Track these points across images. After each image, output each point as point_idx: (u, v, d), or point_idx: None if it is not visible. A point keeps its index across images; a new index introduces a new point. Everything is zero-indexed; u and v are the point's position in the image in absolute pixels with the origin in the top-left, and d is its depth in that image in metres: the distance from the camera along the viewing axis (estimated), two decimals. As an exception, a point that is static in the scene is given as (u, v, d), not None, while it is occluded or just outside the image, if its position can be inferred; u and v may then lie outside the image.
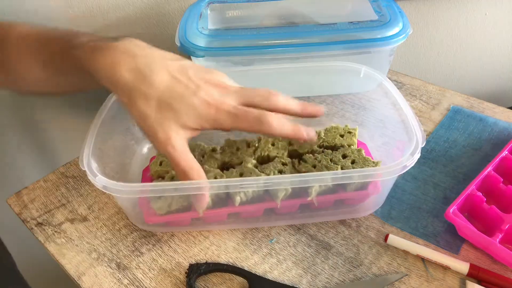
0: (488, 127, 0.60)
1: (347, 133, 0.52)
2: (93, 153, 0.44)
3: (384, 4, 0.67)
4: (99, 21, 0.83)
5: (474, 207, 0.48)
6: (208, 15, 0.69)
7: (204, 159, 0.50)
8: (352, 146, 0.50)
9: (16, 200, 0.55)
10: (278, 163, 0.48)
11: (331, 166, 0.47)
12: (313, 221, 0.50)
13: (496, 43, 1.02)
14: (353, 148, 0.49)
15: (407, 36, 0.61)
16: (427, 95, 0.68)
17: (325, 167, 0.47)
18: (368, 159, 0.47)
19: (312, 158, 0.48)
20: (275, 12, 0.73)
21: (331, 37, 0.60)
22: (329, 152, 0.49)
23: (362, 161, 0.47)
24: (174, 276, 0.45)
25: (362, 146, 0.55)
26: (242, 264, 0.46)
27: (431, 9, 0.94)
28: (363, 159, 0.47)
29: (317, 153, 0.49)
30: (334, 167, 0.46)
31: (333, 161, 0.48)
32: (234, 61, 0.64)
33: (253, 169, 0.47)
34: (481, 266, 0.43)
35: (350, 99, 0.66)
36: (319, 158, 0.48)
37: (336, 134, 0.52)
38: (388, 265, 0.45)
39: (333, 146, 0.51)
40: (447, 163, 0.56)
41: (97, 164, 0.44)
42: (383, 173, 0.41)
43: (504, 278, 0.42)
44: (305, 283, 0.44)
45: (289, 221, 0.50)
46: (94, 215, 0.52)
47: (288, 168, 0.47)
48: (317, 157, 0.48)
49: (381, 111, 0.55)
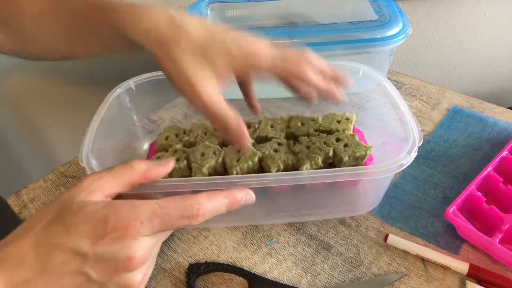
0: (488, 127, 0.60)
1: (344, 119, 0.53)
2: (92, 150, 0.44)
3: (384, 4, 0.67)
4: (99, 21, 0.83)
5: (474, 207, 0.48)
6: (208, 15, 0.69)
7: (206, 136, 0.53)
8: (347, 131, 0.52)
9: (16, 200, 0.55)
10: (274, 143, 0.50)
11: (324, 147, 0.48)
12: (311, 219, 0.50)
13: (496, 43, 1.02)
14: (348, 133, 0.51)
15: (407, 36, 0.61)
16: (427, 95, 0.68)
17: (318, 148, 0.48)
18: (360, 144, 0.48)
19: (307, 140, 0.50)
20: (275, 12, 0.73)
21: (331, 37, 0.60)
22: (324, 135, 0.51)
23: (354, 145, 0.48)
24: (173, 276, 0.45)
25: (358, 133, 0.56)
26: (242, 264, 0.46)
27: (431, 9, 0.94)
28: (356, 143, 0.49)
29: (312, 136, 0.51)
30: (326, 149, 0.48)
31: (326, 143, 0.49)
32: (234, 61, 0.64)
33: (250, 147, 0.49)
34: (481, 266, 0.43)
35: (350, 99, 0.66)
36: (314, 140, 0.50)
37: (333, 120, 0.53)
38: (388, 265, 0.45)
39: (329, 131, 0.52)
40: (447, 163, 0.56)
41: (96, 161, 0.44)
42: (380, 171, 0.41)
43: (503, 278, 0.42)
44: (305, 283, 0.44)
45: (288, 218, 0.50)
46: (94, 215, 0.52)
47: (283, 148, 0.49)
48: (312, 139, 0.50)
49: (381, 111, 0.55)
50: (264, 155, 0.48)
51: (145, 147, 0.60)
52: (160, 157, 0.49)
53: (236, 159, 0.48)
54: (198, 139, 0.53)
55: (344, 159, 0.47)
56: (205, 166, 0.47)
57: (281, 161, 0.47)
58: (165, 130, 0.55)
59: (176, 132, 0.54)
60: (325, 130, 0.52)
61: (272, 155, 0.48)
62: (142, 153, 0.59)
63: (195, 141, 0.52)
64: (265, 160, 0.48)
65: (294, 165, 0.48)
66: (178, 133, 0.54)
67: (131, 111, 0.58)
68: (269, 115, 0.66)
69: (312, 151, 0.48)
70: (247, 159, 0.47)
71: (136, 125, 0.63)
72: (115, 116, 0.51)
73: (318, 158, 0.47)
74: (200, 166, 0.47)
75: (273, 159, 0.47)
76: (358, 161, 0.48)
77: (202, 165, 0.47)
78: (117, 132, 0.54)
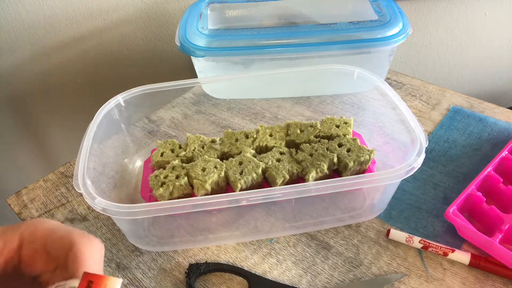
0: (488, 127, 0.60)
1: (342, 123, 0.53)
2: (88, 174, 0.42)
3: (384, 4, 0.67)
4: (99, 21, 0.83)
5: (474, 207, 0.48)
6: (208, 15, 0.69)
7: (203, 150, 0.51)
8: (348, 135, 0.51)
9: (16, 200, 0.55)
10: (276, 152, 0.49)
11: (327, 154, 0.48)
12: (318, 228, 0.49)
13: (496, 43, 1.02)
14: (349, 138, 0.50)
15: (407, 36, 0.61)
16: (427, 95, 0.68)
17: (322, 155, 0.48)
18: (363, 148, 0.48)
19: (309, 147, 0.49)
20: (275, 12, 0.73)
21: (331, 37, 0.60)
22: (325, 141, 0.50)
23: (357, 149, 0.48)
24: (173, 276, 0.45)
25: (357, 136, 0.56)
26: (242, 264, 0.46)
27: (431, 9, 0.94)
28: (358, 147, 0.48)
29: (313, 143, 0.50)
30: (330, 155, 0.47)
31: (329, 149, 0.49)
32: (234, 61, 0.64)
33: (252, 158, 0.48)
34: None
35: (350, 99, 0.66)
36: (316, 147, 0.49)
37: (332, 125, 0.53)
38: (388, 265, 0.45)
39: (329, 136, 0.52)
40: (447, 163, 0.56)
41: (92, 183, 0.42)
42: (389, 177, 0.41)
43: (505, 266, 0.42)
44: (305, 283, 0.44)
45: (294, 230, 0.49)
46: (93, 214, 0.52)
47: (285, 157, 0.49)
48: (314, 146, 0.49)
49: (381, 111, 0.55)
50: (267, 166, 0.47)
51: (138, 164, 0.57)
52: (158, 175, 0.47)
53: (239, 172, 0.46)
54: (196, 153, 0.51)
55: (350, 164, 0.47)
56: (207, 182, 0.45)
57: (285, 171, 0.46)
58: (159, 145, 0.52)
59: (171, 147, 0.52)
60: (325, 136, 0.52)
61: (276, 166, 0.47)
62: (136, 172, 0.56)
63: (192, 155, 0.50)
64: (269, 171, 0.47)
65: (299, 174, 0.47)
66: (174, 148, 0.52)
67: (122, 126, 0.56)
68: (269, 115, 0.66)
69: (316, 158, 0.47)
70: (251, 171, 0.46)
71: (136, 125, 0.63)
72: (106, 133, 0.50)
73: (323, 165, 0.46)
74: (202, 182, 0.45)
75: (277, 169, 0.46)
76: (362, 165, 0.48)
77: (204, 180, 0.45)
78: (108, 152, 0.53)
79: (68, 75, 0.88)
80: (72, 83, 0.89)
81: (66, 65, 0.86)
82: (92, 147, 0.46)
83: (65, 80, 0.88)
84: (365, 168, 0.49)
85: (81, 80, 0.90)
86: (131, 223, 0.46)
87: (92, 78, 0.90)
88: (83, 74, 0.89)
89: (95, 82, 0.91)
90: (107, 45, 0.87)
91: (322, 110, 0.66)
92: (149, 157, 0.55)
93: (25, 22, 0.78)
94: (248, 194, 0.40)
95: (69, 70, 0.87)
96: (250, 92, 0.69)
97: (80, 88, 0.91)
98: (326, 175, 0.47)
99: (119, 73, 0.91)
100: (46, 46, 0.82)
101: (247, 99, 0.68)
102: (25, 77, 0.84)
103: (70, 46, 0.84)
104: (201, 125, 0.65)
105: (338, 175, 0.49)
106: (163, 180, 0.46)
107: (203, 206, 0.40)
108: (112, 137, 0.54)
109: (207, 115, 0.66)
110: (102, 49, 0.87)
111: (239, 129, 0.56)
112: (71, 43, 0.84)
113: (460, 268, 0.44)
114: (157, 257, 0.47)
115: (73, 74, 0.88)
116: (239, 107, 0.67)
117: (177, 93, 0.68)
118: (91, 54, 0.87)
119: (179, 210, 0.40)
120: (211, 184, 0.46)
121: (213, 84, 0.68)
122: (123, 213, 0.39)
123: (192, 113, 0.67)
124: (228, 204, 0.40)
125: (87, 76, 0.90)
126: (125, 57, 0.89)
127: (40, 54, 0.83)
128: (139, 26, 0.86)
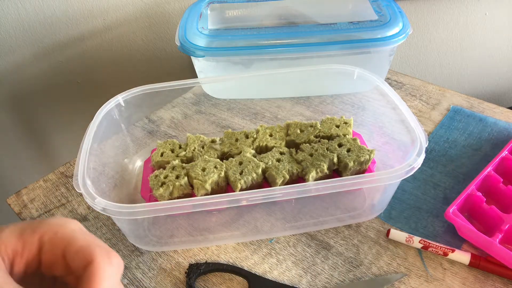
0: (488, 127, 0.60)
1: (342, 123, 0.53)
2: (88, 174, 0.42)
3: (384, 4, 0.67)
4: (99, 21, 0.83)
5: (474, 207, 0.47)
6: (208, 15, 0.69)
7: (204, 150, 0.51)
8: (348, 135, 0.51)
9: (16, 199, 0.55)
10: (276, 152, 0.49)
11: (327, 154, 0.48)
12: (318, 228, 0.49)
13: (496, 43, 1.02)
14: (349, 138, 0.50)
15: (407, 36, 0.61)
16: (427, 95, 0.68)
17: (322, 155, 0.48)
18: (363, 148, 0.48)
19: (309, 147, 0.49)
20: (275, 12, 0.73)
21: (331, 37, 0.60)
22: (325, 141, 0.50)
23: (357, 149, 0.48)
24: (173, 276, 0.45)
25: (357, 136, 0.56)
26: (242, 264, 0.46)
27: (431, 9, 0.94)
28: (358, 147, 0.48)
29: (313, 143, 0.50)
30: (330, 155, 0.47)
31: (329, 149, 0.49)
32: (234, 61, 0.64)
33: (252, 158, 0.48)
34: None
35: (350, 99, 0.66)
36: (316, 147, 0.49)
37: (332, 125, 0.53)
38: (388, 265, 0.45)
39: (329, 136, 0.52)
40: (447, 163, 0.56)
41: (92, 183, 0.42)
42: (389, 177, 0.41)
43: (505, 266, 0.42)
44: (305, 283, 0.44)
45: (295, 230, 0.49)
46: (93, 214, 0.52)
47: (286, 157, 0.48)
48: (314, 146, 0.49)
49: (381, 111, 0.55)
50: (267, 166, 0.47)
51: (138, 164, 0.57)
52: (158, 175, 0.47)
53: (239, 172, 0.46)
54: (196, 153, 0.51)
55: (350, 164, 0.47)
56: (207, 181, 0.45)
57: (285, 171, 0.46)
58: (159, 145, 0.53)
59: (171, 147, 0.52)
60: (325, 136, 0.52)
61: (276, 166, 0.47)
62: (136, 172, 0.56)
63: (192, 155, 0.51)
64: (269, 171, 0.47)
65: (299, 174, 0.47)
66: (174, 148, 0.52)
67: (122, 126, 0.56)
68: (269, 115, 0.66)
69: (316, 158, 0.47)
70: (251, 171, 0.46)
71: (136, 125, 0.63)
72: (106, 133, 0.50)
73: (323, 165, 0.46)
74: (202, 182, 0.45)
75: (277, 169, 0.46)
76: (362, 165, 0.48)
77: (204, 180, 0.45)
78: (108, 152, 0.53)
79: (68, 75, 0.88)
80: (72, 83, 0.89)
81: (66, 65, 0.86)
82: (92, 147, 0.46)
83: (65, 80, 0.88)
84: (365, 168, 0.49)
85: (81, 80, 0.90)
86: (131, 223, 0.46)
87: (92, 78, 0.90)
88: (83, 74, 0.89)
89: (95, 82, 0.91)
90: (107, 45, 0.87)
91: (322, 110, 0.66)
92: (149, 157, 0.55)
93: (25, 22, 0.78)
94: (248, 194, 0.40)
95: (69, 70, 0.87)
96: (250, 92, 0.69)
97: (80, 88, 0.91)
98: (326, 175, 0.47)
99: (119, 73, 0.91)
100: (46, 46, 0.82)
101: (247, 99, 0.68)
102: (25, 77, 0.84)
103: (70, 46, 0.84)
104: (201, 125, 0.65)
105: (338, 175, 0.49)
106: (163, 180, 0.46)
107: (203, 206, 0.40)
108: (112, 137, 0.54)
109: (207, 115, 0.66)
110: (102, 49, 0.87)
111: (239, 129, 0.56)
112: (71, 43, 0.84)
113: (460, 268, 0.44)
114: (157, 257, 0.47)
115: (73, 74, 0.88)
116: (239, 107, 0.67)
117: (177, 93, 0.68)
118: (91, 54, 0.87)
119: (179, 210, 0.40)
120: (211, 184, 0.46)
121: (213, 84, 0.68)
122: (123, 213, 0.39)
123: (192, 113, 0.67)
124: (228, 204, 0.40)
125: (87, 76, 0.90)
126: (125, 57, 0.89)
127: (40, 54, 0.83)
128: (139, 26, 0.86)
